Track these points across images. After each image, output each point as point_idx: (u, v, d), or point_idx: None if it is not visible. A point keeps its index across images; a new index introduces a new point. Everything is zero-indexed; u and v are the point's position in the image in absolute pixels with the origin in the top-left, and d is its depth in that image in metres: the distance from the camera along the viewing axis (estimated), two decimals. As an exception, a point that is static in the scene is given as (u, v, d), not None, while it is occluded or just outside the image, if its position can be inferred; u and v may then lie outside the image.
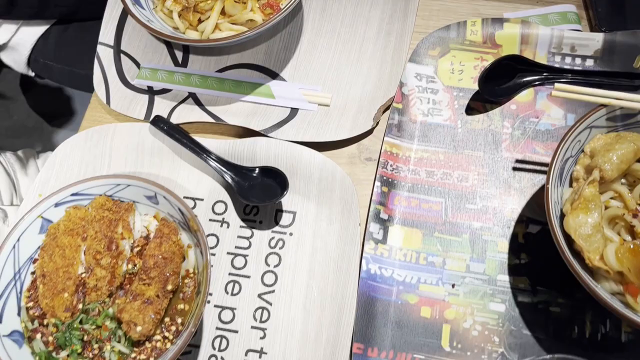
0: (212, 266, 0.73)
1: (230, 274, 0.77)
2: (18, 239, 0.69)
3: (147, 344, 0.66)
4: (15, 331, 0.67)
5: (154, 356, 0.65)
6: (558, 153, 0.65)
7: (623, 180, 0.69)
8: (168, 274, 0.67)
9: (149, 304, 0.65)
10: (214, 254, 0.78)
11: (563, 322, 0.70)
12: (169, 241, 0.69)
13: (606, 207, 0.67)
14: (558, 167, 0.65)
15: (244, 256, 0.78)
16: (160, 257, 0.67)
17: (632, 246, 0.62)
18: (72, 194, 0.72)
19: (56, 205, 0.71)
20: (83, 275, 0.69)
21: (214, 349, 0.73)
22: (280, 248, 0.78)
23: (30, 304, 0.69)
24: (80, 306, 0.67)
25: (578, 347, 0.69)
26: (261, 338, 0.73)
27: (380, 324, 0.72)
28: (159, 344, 0.66)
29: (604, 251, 0.63)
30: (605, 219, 0.66)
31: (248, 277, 0.77)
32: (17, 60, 1.31)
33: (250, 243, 0.78)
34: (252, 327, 0.74)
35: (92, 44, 0.92)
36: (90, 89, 0.90)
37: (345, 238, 0.76)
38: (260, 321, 0.74)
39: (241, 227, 0.79)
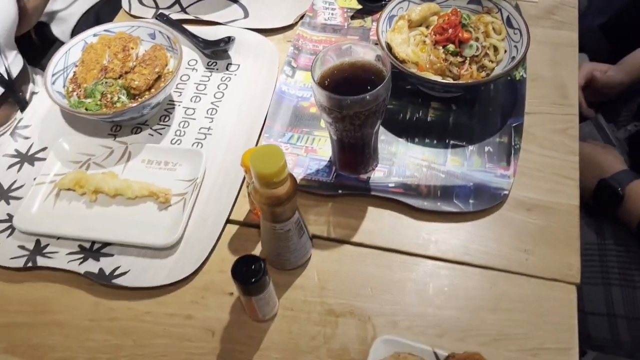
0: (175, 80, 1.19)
1: (194, 92, 1.22)
2: (68, 50, 1.16)
3: (139, 99, 1.11)
4: (59, 92, 1.12)
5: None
6: (384, 9, 1.15)
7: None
8: (156, 65, 1.13)
9: (143, 75, 1.10)
10: (185, 83, 1.24)
11: (395, 113, 1.15)
12: (159, 52, 1.16)
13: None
14: (385, 15, 1.15)
15: (205, 83, 1.24)
16: (153, 55, 1.14)
17: (431, 48, 1.10)
18: (105, 30, 1.20)
19: (94, 35, 1.19)
20: (106, 63, 1.14)
21: (179, 127, 1.16)
22: (229, 81, 1.24)
23: (72, 87, 1.14)
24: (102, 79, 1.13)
25: (401, 128, 1.13)
26: (210, 122, 1.17)
27: (284, 113, 1.16)
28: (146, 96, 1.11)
29: (406, 50, 1.10)
30: (415, 43, 1.14)
31: (206, 94, 1.22)
32: (65, 31, 1.71)
33: (209, 78, 1.25)
34: (204, 117, 1.18)
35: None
36: None
37: (269, 76, 1.23)
38: (210, 114, 1.18)
39: (204, 71, 1.26)
